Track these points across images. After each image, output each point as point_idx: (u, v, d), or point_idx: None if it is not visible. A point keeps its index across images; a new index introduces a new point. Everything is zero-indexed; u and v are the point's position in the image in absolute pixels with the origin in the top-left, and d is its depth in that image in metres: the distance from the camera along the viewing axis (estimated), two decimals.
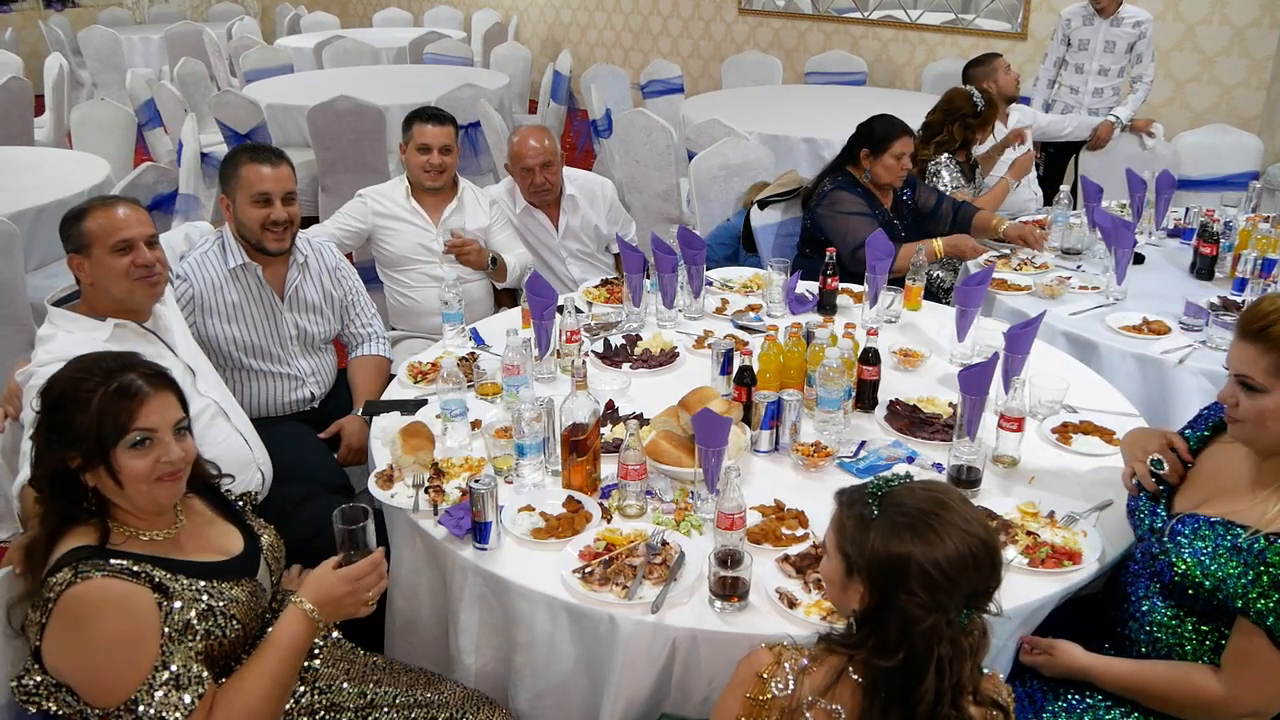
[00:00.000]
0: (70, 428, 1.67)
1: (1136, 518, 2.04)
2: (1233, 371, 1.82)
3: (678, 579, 1.98)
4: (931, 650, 1.42)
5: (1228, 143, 5.07)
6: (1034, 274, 3.62)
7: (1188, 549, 1.83)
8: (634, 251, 3.21)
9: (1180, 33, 6.06)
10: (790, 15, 8.12)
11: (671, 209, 5.27)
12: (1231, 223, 3.71)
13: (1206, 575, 1.78)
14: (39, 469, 1.72)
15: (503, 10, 10.07)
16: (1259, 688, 1.73)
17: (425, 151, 3.57)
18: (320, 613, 1.79)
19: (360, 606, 1.84)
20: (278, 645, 1.76)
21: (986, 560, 1.46)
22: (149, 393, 1.71)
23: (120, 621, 1.60)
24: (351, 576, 1.81)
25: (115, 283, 2.33)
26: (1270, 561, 1.70)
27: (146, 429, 1.70)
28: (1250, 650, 1.72)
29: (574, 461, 2.27)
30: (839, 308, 3.30)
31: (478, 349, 3.04)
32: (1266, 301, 1.80)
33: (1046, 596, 1.97)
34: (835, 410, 2.47)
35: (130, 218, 2.36)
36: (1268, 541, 1.72)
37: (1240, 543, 1.75)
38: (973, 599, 1.46)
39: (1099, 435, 2.51)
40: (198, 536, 1.84)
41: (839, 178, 3.80)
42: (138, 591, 1.63)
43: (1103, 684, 1.91)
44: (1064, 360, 2.97)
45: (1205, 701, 1.78)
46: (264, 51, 8.22)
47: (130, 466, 1.69)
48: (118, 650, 1.60)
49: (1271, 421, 1.77)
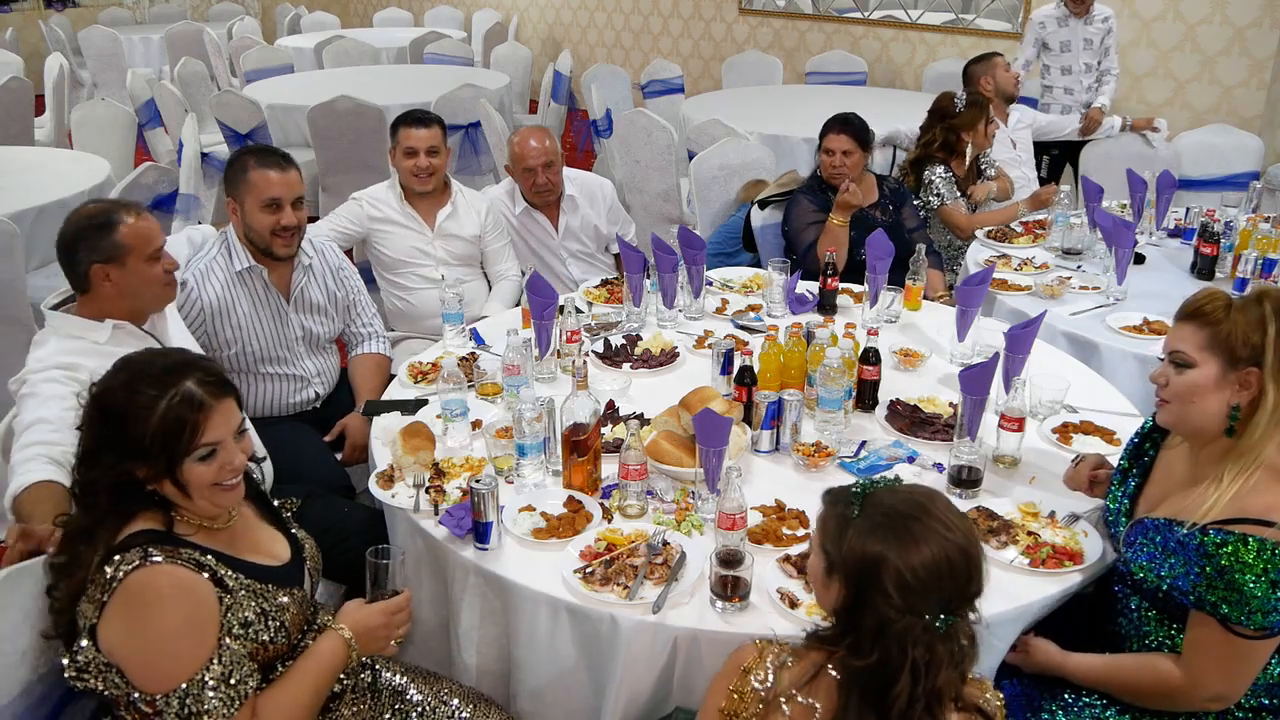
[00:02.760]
0: (133, 442, 1.64)
1: (1109, 526, 2.09)
2: (1166, 351, 1.90)
3: (679, 579, 1.98)
4: (905, 653, 1.42)
5: (1228, 143, 5.07)
6: (1034, 274, 3.62)
7: (1143, 554, 1.88)
8: (634, 251, 3.21)
9: (1181, 32, 6.06)
10: (791, 15, 8.12)
11: (672, 209, 5.27)
12: (1232, 223, 3.71)
13: (1159, 578, 1.84)
14: (91, 476, 1.68)
15: (503, 10, 10.07)
16: (1217, 673, 1.79)
17: (412, 155, 3.57)
18: (357, 641, 1.80)
19: (390, 643, 1.86)
20: (318, 661, 1.77)
21: (964, 567, 1.45)
22: (212, 405, 1.68)
23: (184, 610, 1.60)
24: (389, 610, 1.85)
25: (148, 289, 2.37)
26: (1208, 553, 1.74)
27: (213, 442, 1.68)
28: (1205, 638, 1.78)
29: (575, 461, 2.27)
30: (839, 308, 3.30)
31: (478, 349, 3.05)
32: (1203, 292, 1.89)
33: (1047, 596, 1.98)
34: (836, 410, 2.47)
35: (156, 225, 2.39)
36: (1203, 534, 1.76)
37: (1181, 539, 1.80)
38: (950, 605, 1.45)
39: (1099, 435, 2.51)
40: (249, 538, 1.83)
41: (810, 182, 3.88)
42: (203, 583, 1.63)
43: (1077, 680, 1.95)
44: (1064, 360, 2.97)
45: (1169, 689, 1.83)
46: (264, 51, 8.22)
47: (198, 475, 1.68)
48: (178, 638, 1.60)
49: (1198, 397, 1.83)
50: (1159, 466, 2.04)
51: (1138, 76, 6.28)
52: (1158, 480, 2.02)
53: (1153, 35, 6.16)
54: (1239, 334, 1.79)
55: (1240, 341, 1.79)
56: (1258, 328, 1.78)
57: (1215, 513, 1.77)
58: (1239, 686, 1.80)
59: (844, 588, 1.48)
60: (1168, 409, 1.90)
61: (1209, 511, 1.78)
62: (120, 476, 1.66)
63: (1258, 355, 1.78)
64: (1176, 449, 2.00)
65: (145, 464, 1.65)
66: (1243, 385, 1.80)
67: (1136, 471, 2.08)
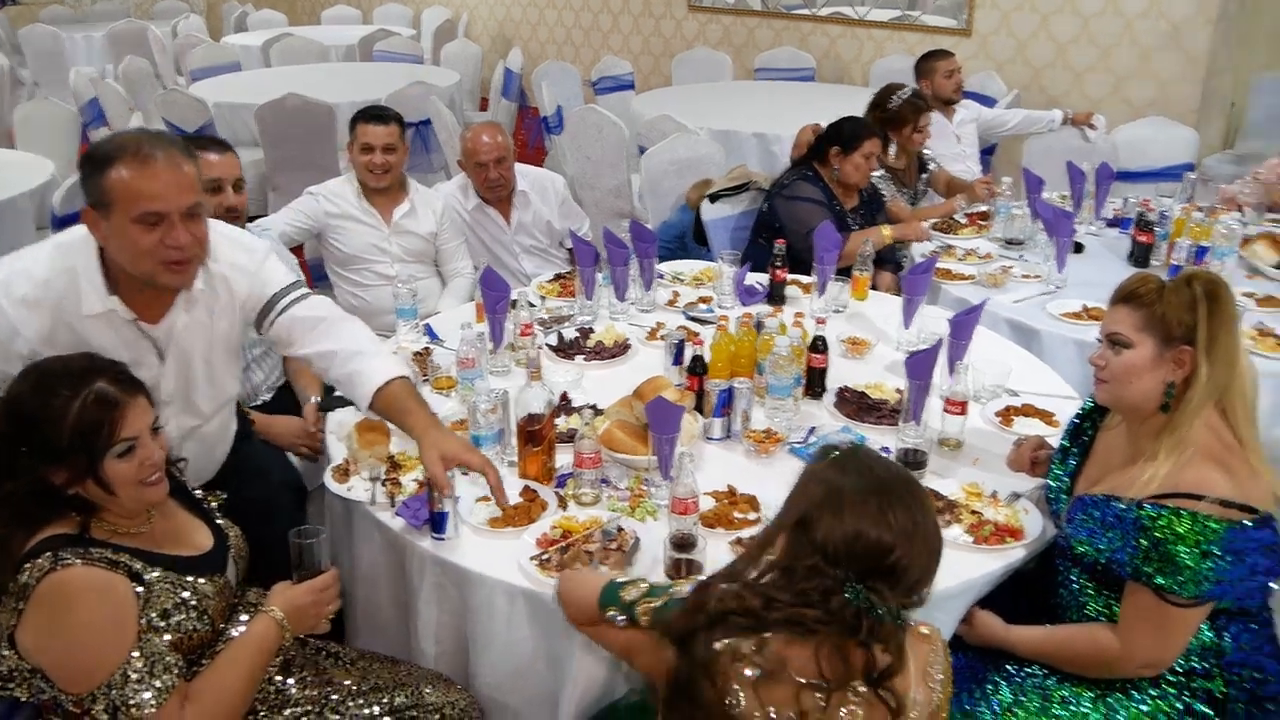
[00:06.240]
0: (50, 445, 1.65)
1: (1051, 504, 2.17)
2: (1104, 333, 1.99)
3: (633, 564, 2.02)
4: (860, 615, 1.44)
5: (1164, 136, 5.20)
6: (978, 264, 3.70)
7: (1083, 529, 1.95)
8: (586, 245, 3.25)
9: (1119, 28, 6.20)
10: (739, 12, 8.18)
11: (623, 204, 5.30)
12: (1167, 212, 3.82)
13: (1098, 551, 1.91)
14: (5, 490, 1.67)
15: (453, 7, 10.03)
16: (1151, 640, 1.87)
17: (368, 151, 3.57)
18: (289, 621, 1.82)
19: (320, 620, 1.89)
20: (250, 643, 1.80)
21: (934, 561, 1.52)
22: (126, 401, 1.70)
23: (100, 609, 1.62)
24: (316, 588, 1.88)
25: (134, 260, 1.91)
26: (1145, 526, 1.82)
27: (130, 437, 1.70)
28: (1140, 607, 1.86)
29: (530, 451, 2.30)
30: (788, 298, 3.35)
31: (432, 344, 3.06)
32: (1136, 276, 1.99)
33: (991, 571, 2.06)
34: (785, 397, 2.53)
35: (169, 177, 1.86)
36: (1140, 509, 1.84)
37: (1119, 513, 1.88)
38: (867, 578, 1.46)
39: (1040, 417, 2.59)
40: (170, 531, 1.85)
41: (806, 171, 3.89)
42: (118, 580, 1.65)
43: (1019, 651, 2.02)
44: (1006, 346, 3.05)
45: (1106, 658, 1.91)
46: (210, 49, 8.13)
47: (120, 473, 1.69)
48: (96, 637, 1.61)
49: (1135, 377, 1.92)
50: (1098, 446, 2.12)
51: (1079, 72, 6.41)
52: (1097, 459, 2.10)
53: (1092, 32, 6.30)
54: (1172, 314, 1.88)
55: (1174, 321, 1.87)
56: (1189, 308, 1.87)
57: (1151, 488, 1.84)
58: (1172, 652, 1.88)
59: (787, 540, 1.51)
60: (1106, 388, 1.98)
61: (1146, 486, 1.85)
62: (36, 485, 1.67)
63: (1190, 334, 1.87)
64: (1115, 429, 2.08)
65: (64, 467, 1.67)
66: (1177, 363, 1.88)
67: (1076, 451, 2.15)
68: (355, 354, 2.18)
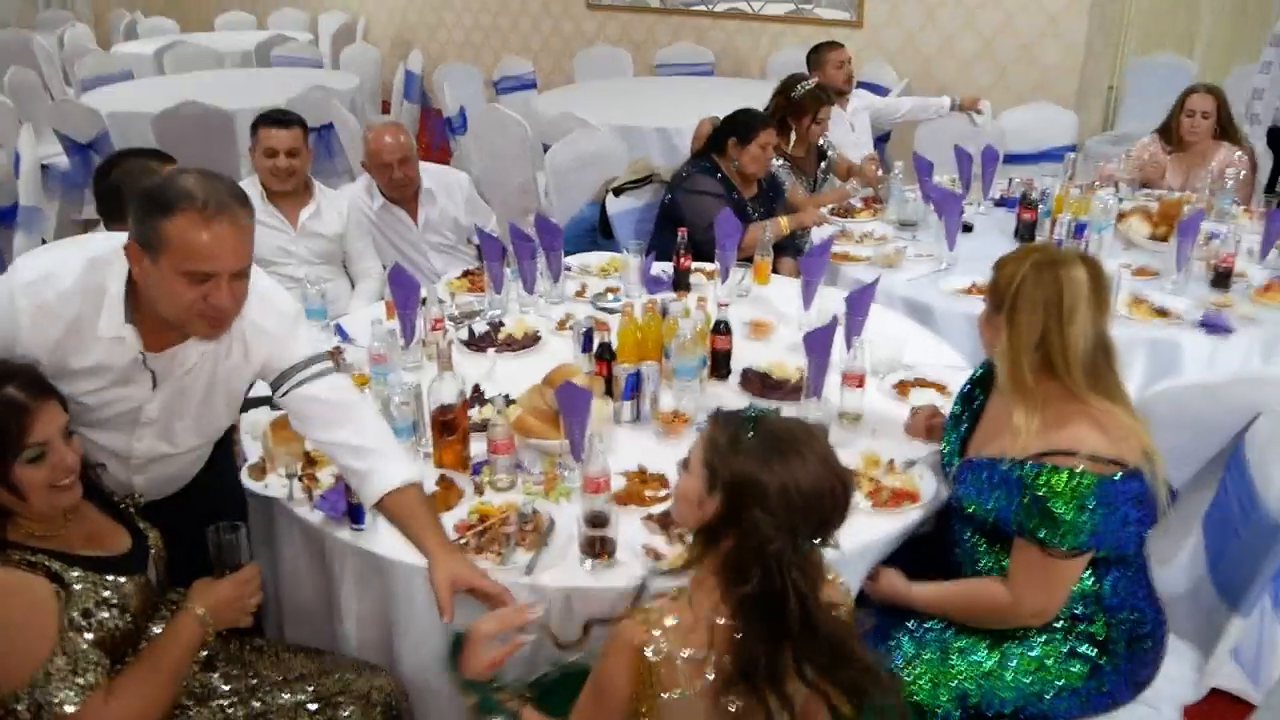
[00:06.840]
0: None
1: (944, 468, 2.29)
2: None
3: (549, 544, 2.08)
4: (785, 573, 1.53)
5: (1047, 119, 5.47)
6: (874, 245, 3.85)
7: (972, 490, 2.07)
8: (493, 241, 3.29)
9: (1000, 20, 6.48)
10: (637, 9, 8.27)
11: (530, 201, 5.34)
12: (1048, 190, 4.02)
13: (986, 510, 2.03)
14: None
15: (350, 11, 9.93)
16: (1037, 590, 2.00)
17: (272, 155, 3.57)
18: (211, 616, 1.84)
19: (244, 615, 1.91)
20: (172, 639, 1.81)
21: (842, 495, 1.59)
22: (34, 407, 1.69)
23: (18, 610, 1.63)
24: (238, 582, 1.90)
25: (170, 307, 1.84)
26: (1026, 484, 1.95)
27: (40, 442, 1.69)
28: (1026, 560, 1.99)
29: (444, 441, 2.34)
30: (693, 285, 3.44)
31: (343, 344, 3.07)
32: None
33: (890, 533, 2.18)
34: (691, 379, 2.61)
35: (230, 242, 1.79)
36: (1021, 468, 1.96)
37: (1003, 473, 2.00)
38: (820, 529, 1.59)
39: (934, 388, 2.71)
40: (87, 534, 1.85)
41: (704, 163, 3.98)
42: (36, 581, 1.66)
43: (919, 607, 2.14)
44: (901, 322, 3.19)
45: (998, 608, 2.04)
46: (101, 58, 7.93)
47: (31, 478, 1.69)
48: (15, 637, 1.62)
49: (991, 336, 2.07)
50: (987, 412, 2.23)
51: (965, 61, 6.66)
52: (986, 424, 2.22)
53: (977, 23, 6.56)
54: (1002, 282, 2.02)
55: (1003, 289, 2.01)
56: (1012, 277, 2.00)
57: (1026, 447, 1.97)
58: (1057, 600, 2.01)
59: (723, 505, 1.57)
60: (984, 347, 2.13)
61: (1019, 446, 1.98)
62: None
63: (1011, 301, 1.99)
64: (1004, 397, 2.18)
65: None
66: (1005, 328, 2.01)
67: (967, 417, 2.28)
68: (369, 451, 2.07)
